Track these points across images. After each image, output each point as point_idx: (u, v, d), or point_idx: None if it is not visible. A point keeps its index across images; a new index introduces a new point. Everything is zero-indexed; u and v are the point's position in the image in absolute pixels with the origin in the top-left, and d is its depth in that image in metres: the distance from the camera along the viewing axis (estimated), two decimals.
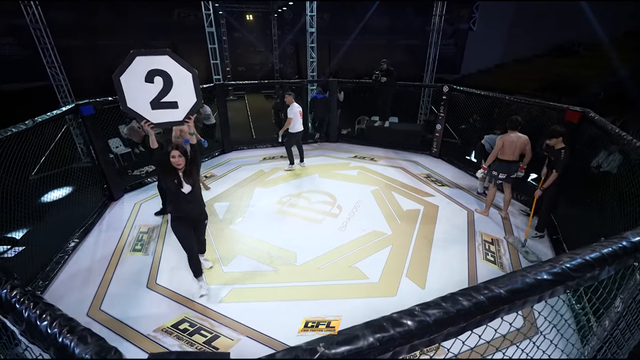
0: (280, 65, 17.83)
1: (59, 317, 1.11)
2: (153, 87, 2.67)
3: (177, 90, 2.73)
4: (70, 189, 4.91)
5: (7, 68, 11.53)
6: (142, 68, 2.60)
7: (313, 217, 4.59)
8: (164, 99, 2.73)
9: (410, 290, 3.27)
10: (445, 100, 6.32)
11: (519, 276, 0.97)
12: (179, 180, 2.75)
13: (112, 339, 2.71)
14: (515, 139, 4.04)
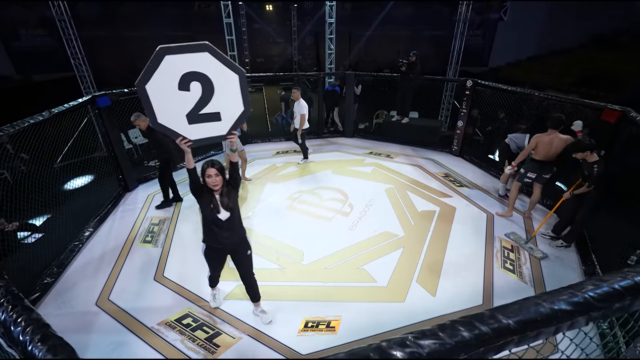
0: (299, 57, 17.64)
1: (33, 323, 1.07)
2: (189, 96, 2.06)
3: (220, 98, 2.12)
4: (89, 179, 5.06)
5: (38, 59, 12.01)
6: (174, 71, 1.97)
7: (323, 214, 4.49)
8: (204, 110, 2.13)
9: (420, 297, 3.11)
10: (468, 96, 5.98)
11: (532, 305, 0.82)
12: (215, 205, 2.33)
13: (118, 330, 2.76)
14: (553, 139, 3.74)
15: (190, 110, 2.11)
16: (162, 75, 1.97)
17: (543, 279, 3.32)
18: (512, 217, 4.32)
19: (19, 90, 11.99)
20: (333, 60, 9.20)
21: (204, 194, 2.33)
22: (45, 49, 12.02)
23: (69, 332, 2.74)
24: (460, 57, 9.01)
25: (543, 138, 3.79)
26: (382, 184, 5.36)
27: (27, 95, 11.42)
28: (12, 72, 12.28)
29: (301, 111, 5.64)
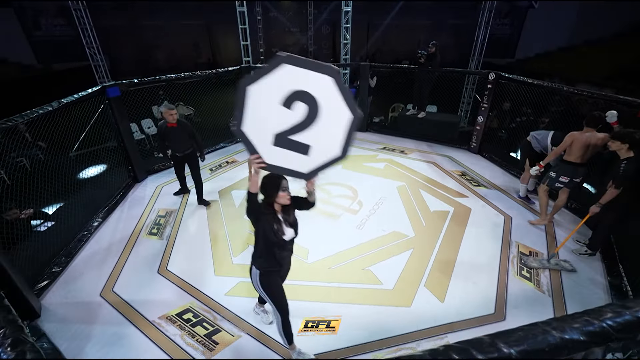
0: (314, 47, 17.33)
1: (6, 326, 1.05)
2: (288, 116, 1.79)
3: (320, 131, 1.82)
4: (100, 169, 5.12)
5: (58, 48, 12.26)
6: (285, 83, 1.71)
7: (331, 211, 4.37)
8: (296, 137, 1.85)
9: (427, 303, 2.96)
10: (490, 90, 5.64)
11: (539, 332, 0.73)
12: (279, 226, 2.07)
13: (120, 322, 2.77)
14: (591, 138, 3.35)
15: (282, 132, 1.84)
16: (271, 82, 1.72)
17: (562, 289, 3.09)
18: (546, 224, 3.96)
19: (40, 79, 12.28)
20: (348, 51, 8.91)
21: (265, 216, 2.02)
22: (64, 38, 12.24)
23: (73, 321, 2.77)
24: (484, 48, 8.52)
25: (579, 136, 3.38)
26: (394, 181, 5.17)
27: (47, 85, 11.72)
28: (33, 61, 12.54)
29: None
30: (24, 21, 11.72)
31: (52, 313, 2.86)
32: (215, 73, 6.08)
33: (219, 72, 6.12)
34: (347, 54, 8.89)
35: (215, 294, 3.06)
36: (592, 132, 3.38)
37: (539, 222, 4.00)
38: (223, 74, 6.28)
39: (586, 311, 0.81)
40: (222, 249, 3.67)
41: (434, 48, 5.85)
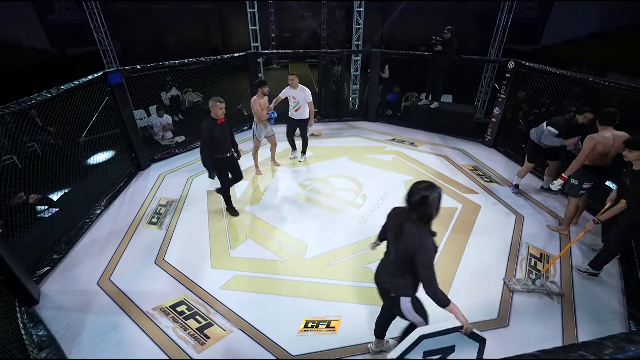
0: (327, 31, 16.85)
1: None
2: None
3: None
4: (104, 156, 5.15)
5: (71, 32, 12.30)
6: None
7: (333, 205, 4.24)
8: None
9: (427, 304, 2.82)
10: (508, 79, 5.29)
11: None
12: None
13: (114, 312, 2.77)
14: (612, 139, 3.02)
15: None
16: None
17: (574, 296, 2.90)
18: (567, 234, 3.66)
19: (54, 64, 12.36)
20: (360, 36, 8.54)
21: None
22: (77, 22, 12.23)
23: (70, 309, 2.80)
24: (506, 34, 8.00)
25: (602, 139, 3.02)
26: (402, 174, 4.98)
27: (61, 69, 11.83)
28: (47, 45, 12.61)
29: (307, 98, 4.88)
30: (38, 5, 11.77)
31: (50, 300, 2.89)
32: (220, 59, 5.94)
33: (224, 58, 5.97)
34: (359, 39, 8.53)
35: (210, 287, 3.03)
36: (610, 130, 3.07)
37: (559, 230, 3.69)
38: (228, 60, 6.12)
39: (584, 343, 0.69)
40: (220, 241, 3.63)
41: (450, 34, 5.50)
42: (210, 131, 3.38)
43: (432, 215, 1.69)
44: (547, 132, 3.79)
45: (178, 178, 4.98)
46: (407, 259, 1.75)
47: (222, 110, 3.45)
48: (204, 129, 3.38)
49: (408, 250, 1.73)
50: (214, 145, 3.46)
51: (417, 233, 1.70)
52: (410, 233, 1.72)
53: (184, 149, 5.97)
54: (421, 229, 1.71)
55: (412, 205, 1.69)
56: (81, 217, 3.94)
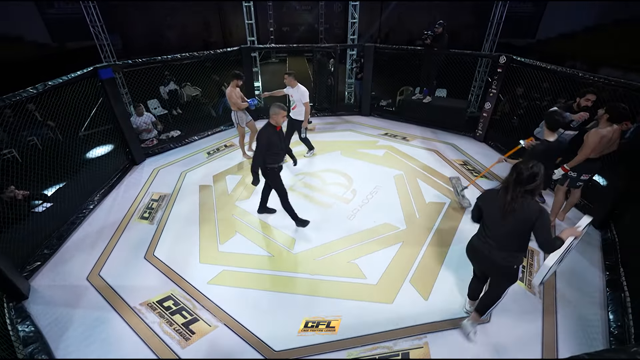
0: (325, 25, 16.73)
1: None
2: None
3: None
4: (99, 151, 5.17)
5: (71, 26, 12.21)
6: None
7: (323, 200, 4.27)
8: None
9: (410, 300, 2.88)
10: (500, 74, 5.28)
11: None
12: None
13: (102, 307, 2.81)
14: (612, 132, 3.08)
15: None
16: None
17: (555, 290, 2.94)
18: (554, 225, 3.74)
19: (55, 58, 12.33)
20: (356, 30, 8.48)
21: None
22: (76, 16, 12.14)
23: (58, 305, 2.84)
24: (500, 28, 7.94)
25: (606, 134, 3.06)
26: (392, 169, 5.00)
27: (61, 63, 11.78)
28: (48, 39, 12.58)
29: (303, 99, 4.74)
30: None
31: (39, 295, 2.94)
32: (214, 54, 5.91)
33: (217, 52, 5.94)
34: (355, 33, 8.47)
35: (197, 282, 3.07)
36: (612, 125, 3.09)
37: None
38: (221, 55, 6.10)
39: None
40: (209, 236, 3.66)
41: (441, 28, 5.47)
42: (269, 137, 3.21)
43: (540, 188, 1.96)
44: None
45: (172, 173, 5.00)
46: (525, 229, 1.97)
47: (284, 118, 3.27)
48: (262, 135, 3.20)
49: (527, 221, 1.93)
50: (269, 152, 3.28)
51: (532, 204, 1.93)
52: (526, 206, 1.92)
53: (178, 144, 5.99)
54: (532, 200, 1.95)
55: (523, 181, 1.91)
56: (73, 212, 3.96)
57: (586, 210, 3.91)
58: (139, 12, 14.16)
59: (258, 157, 3.29)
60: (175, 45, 15.35)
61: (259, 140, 3.24)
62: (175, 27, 15.87)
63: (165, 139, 6.21)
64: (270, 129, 3.28)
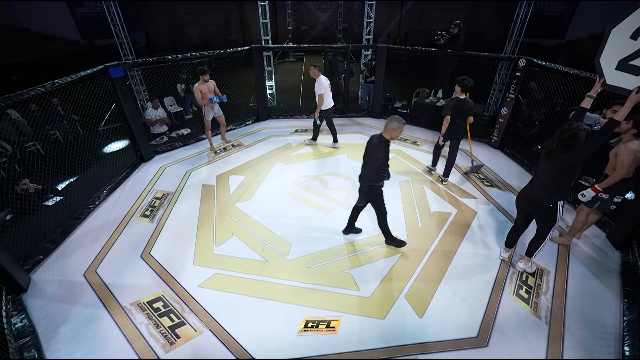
0: (344, 24, 16.53)
1: None
2: (632, 45, 2.31)
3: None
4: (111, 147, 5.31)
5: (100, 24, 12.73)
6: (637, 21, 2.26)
7: (324, 205, 4.17)
8: (634, 62, 2.32)
9: (403, 316, 2.74)
10: (518, 78, 4.98)
11: None
12: None
13: (94, 304, 2.84)
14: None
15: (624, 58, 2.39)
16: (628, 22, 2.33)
17: (564, 316, 2.71)
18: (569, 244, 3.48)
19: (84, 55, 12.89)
20: (372, 30, 8.29)
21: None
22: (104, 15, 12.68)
23: (54, 299, 2.90)
24: (524, 29, 7.52)
25: (638, 148, 2.76)
26: (399, 175, 4.83)
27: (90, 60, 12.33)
28: (78, 37, 13.17)
29: (319, 91, 5.19)
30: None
31: (38, 289, 3.01)
32: (224, 53, 5.93)
33: (227, 52, 5.96)
34: (370, 33, 8.28)
35: (189, 284, 3.06)
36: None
37: (563, 241, 3.47)
38: (232, 55, 6.10)
39: None
40: (206, 237, 3.66)
41: (457, 29, 5.22)
42: (386, 152, 2.86)
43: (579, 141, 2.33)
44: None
45: (177, 171, 5.06)
46: (566, 168, 2.46)
47: (401, 134, 2.93)
48: (379, 150, 2.80)
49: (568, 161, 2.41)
50: (380, 169, 2.93)
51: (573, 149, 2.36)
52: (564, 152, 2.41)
53: (187, 142, 6.06)
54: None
55: (564, 139, 2.38)
56: (79, 207, 4.07)
57: (606, 228, 3.61)
58: (162, 11, 14.59)
59: (371, 175, 2.91)
60: (197, 43, 15.71)
61: (374, 156, 2.80)
62: (197, 25, 16.26)
63: (175, 137, 6.30)
64: (385, 144, 2.83)
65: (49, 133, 6.54)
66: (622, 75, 2.41)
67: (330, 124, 5.64)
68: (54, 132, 6.67)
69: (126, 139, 5.14)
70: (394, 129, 2.79)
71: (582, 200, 3.06)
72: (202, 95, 5.05)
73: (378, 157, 2.83)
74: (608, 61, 2.49)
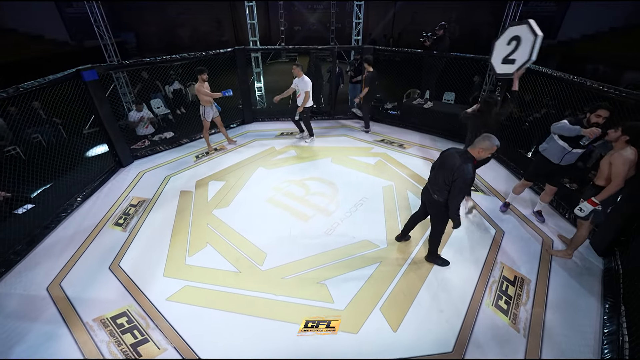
0: (337, 24, 16.44)
1: None
2: (508, 48, 3.65)
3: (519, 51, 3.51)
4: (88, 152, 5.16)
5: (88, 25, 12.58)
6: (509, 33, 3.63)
7: (303, 211, 4.06)
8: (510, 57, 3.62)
9: (377, 330, 2.63)
10: (504, 80, 4.88)
11: None
12: None
13: (55, 321, 2.71)
14: (635, 154, 2.68)
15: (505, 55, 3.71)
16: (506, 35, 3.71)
17: (543, 328, 2.62)
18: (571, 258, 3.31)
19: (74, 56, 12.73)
20: (360, 31, 8.20)
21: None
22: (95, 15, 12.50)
23: (12, 316, 2.76)
24: None
25: (633, 157, 2.66)
26: (383, 179, 4.72)
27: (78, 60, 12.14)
28: (66, 38, 12.98)
29: (305, 88, 5.32)
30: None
31: None
32: (205, 55, 5.79)
33: (209, 54, 5.82)
34: (360, 34, 8.18)
35: (156, 297, 2.93)
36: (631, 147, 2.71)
37: (565, 255, 3.30)
38: (215, 56, 5.97)
39: None
40: (179, 247, 3.53)
41: (442, 30, 5.13)
42: (474, 175, 2.63)
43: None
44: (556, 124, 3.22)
45: (156, 176, 4.92)
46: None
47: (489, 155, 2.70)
48: (468, 172, 2.51)
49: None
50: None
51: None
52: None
53: (169, 146, 5.92)
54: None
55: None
56: (50, 215, 3.93)
57: (590, 234, 3.52)
58: (153, 11, 14.41)
59: (460, 197, 2.64)
60: (188, 44, 15.55)
61: (465, 178, 2.51)
62: (188, 26, 16.11)
63: (157, 140, 6.16)
64: (473, 166, 2.57)
65: (31, 136, 6.39)
66: (506, 67, 3.71)
67: (307, 122, 5.77)
68: (36, 135, 6.51)
69: (101, 144, 4.99)
70: (485, 150, 2.50)
71: (580, 215, 2.94)
72: (203, 95, 5.07)
73: (468, 179, 2.52)
74: (496, 60, 3.86)
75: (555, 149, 3.32)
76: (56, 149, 4.62)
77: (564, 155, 3.27)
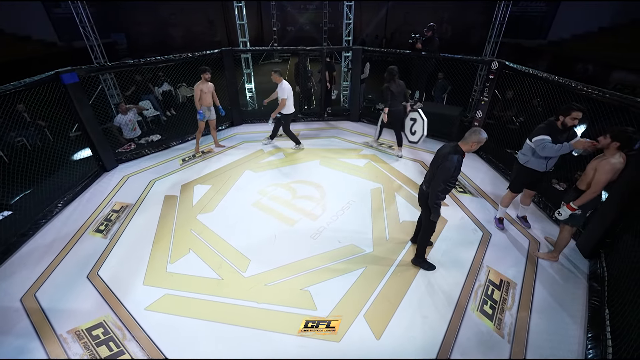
0: (330, 25, 16.39)
1: None
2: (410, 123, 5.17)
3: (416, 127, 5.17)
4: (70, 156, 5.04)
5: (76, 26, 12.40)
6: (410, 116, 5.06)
7: (289, 215, 3.99)
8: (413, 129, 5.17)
9: (360, 338, 2.57)
10: (492, 81, 4.87)
11: None
12: None
13: (27, 334, 2.61)
14: (623, 161, 2.67)
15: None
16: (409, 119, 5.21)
17: (528, 333, 2.58)
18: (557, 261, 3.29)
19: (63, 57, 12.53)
20: (351, 32, 8.14)
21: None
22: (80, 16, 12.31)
23: None
24: (503, 30, 7.45)
25: (619, 165, 2.64)
26: (371, 182, 4.68)
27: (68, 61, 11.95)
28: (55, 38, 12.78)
29: (281, 95, 5.19)
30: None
31: None
32: (192, 56, 5.70)
33: (195, 55, 5.73)
34: (350, 35, 8.12)
35: (134, 307, 2.84)
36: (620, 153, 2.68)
37: (550, 258, 3.28)
38: (200, 58, 5.88)
39: None
40: (161, 253, 3.44)
41: (431, 32, 5.10)
42: (458, 167, 2.61)
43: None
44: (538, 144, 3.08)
45: (140, 181, 4.82)
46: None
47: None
48: (453, 163, 2.55)
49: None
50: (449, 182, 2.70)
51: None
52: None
53: (156, 149, 5.82)
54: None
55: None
56: (28, 222, 3.81)
57: (576, 236, 3.51)
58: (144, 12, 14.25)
59: (442, 186, 2.65)
60: (180, 45, 15.40)
61: (448, 169, 2.56)
62: (180, 26, 15.97)
63: (143, 144, 6.05)
64: (461, 158, 2.61)
65: (14, 140, 6.25)
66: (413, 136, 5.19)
67: (288, 131, 5.56)
68: (20, 138, 6.37)
69: (83, 148, 4.88)
70: (476, 143, 2.54)
71: (559, 218, 2.97)
72: (202, 95, 5.10)
73: (451, 170, 2.56)
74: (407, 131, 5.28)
75: (538, 160, 3.25)
76: (40, 152, 4.52)
77: (548, 161, 3.24)
